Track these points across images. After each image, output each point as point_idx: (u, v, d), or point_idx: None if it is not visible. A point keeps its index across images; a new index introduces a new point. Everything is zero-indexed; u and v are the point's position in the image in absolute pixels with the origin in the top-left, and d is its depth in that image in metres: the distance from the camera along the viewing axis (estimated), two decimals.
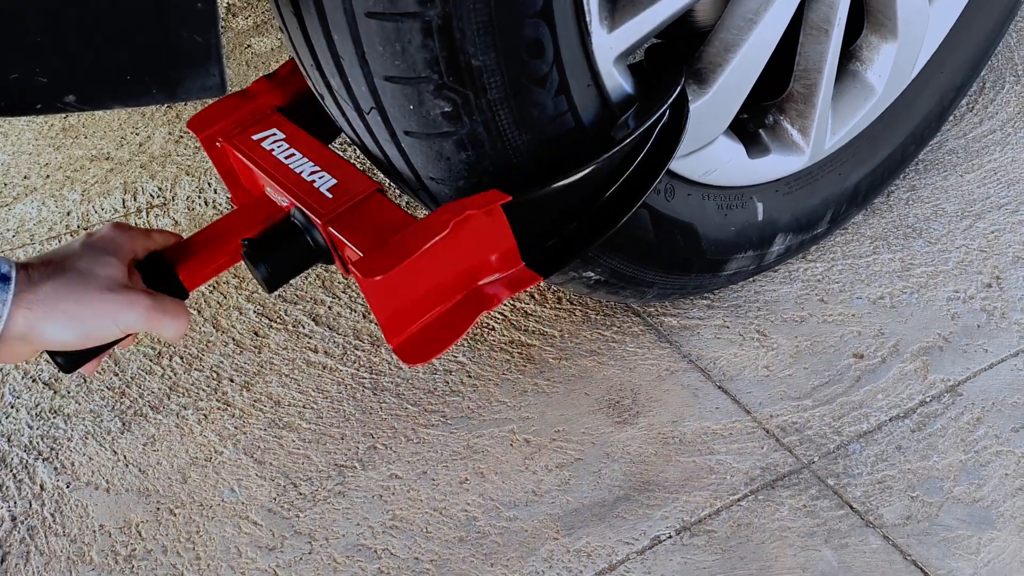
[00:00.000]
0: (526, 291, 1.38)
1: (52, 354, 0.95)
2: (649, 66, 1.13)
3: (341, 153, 1.38)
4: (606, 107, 1.03)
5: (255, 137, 1.07)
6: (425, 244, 0.92)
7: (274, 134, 1.07)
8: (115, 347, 0.99)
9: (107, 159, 1.67)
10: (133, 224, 1.53)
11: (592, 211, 1.01)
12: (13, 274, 0.85)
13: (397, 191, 1.54)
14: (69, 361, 0.96)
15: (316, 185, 1.00)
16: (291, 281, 1.41)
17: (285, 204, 1.03)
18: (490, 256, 0.98)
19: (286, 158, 1.04)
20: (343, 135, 1.19)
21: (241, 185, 1.12)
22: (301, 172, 1.02)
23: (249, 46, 1.90)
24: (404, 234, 0.94)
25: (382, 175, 1.42)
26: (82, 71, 0.78)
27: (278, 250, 1.00)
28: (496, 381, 1.27)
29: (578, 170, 0.98)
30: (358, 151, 1.59)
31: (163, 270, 1.00)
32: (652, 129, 1.02)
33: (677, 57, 1.11)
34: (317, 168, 1.01)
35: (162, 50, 0.78)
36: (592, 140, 1.02)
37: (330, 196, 0.98)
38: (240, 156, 1.07)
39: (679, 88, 1.04)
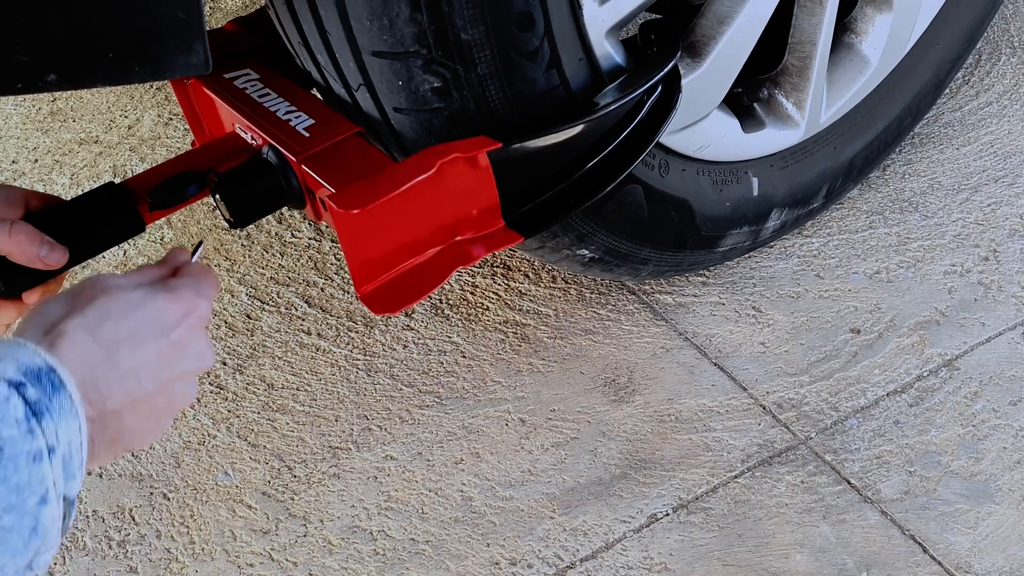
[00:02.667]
0: (520, 270, 1.36)
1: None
2: (643, 41, 1.11)
3: None
4: (598, 81, 1.02)
5: (227, 76, 1.03)
6: (408, 182, 0.89)
7: (248, 74, 1.03)
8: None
9: (96, 142, 1.65)
10: None
11: (577, 176, 0.99)
12: None
13: None
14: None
15: (292, 124, 0.96)
16: (283, 263, 1.40)
17: (257, 143, 0.99)
18: (471, 210, 0.95)
19: (260, 97, 1.00)
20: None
21: (206, 128, 1.08)
22: (276, 111, 0.98)
23: None
24: (386, 173, 0.90)
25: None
26: (63, 49, 0.77)
27: (248, 186, 0.95)
28: (491, 361, 1.26)
29: (568, 127, 0.96)
30: None
31: (120, 201, 0.92)
32: (644, 100, 1.01)
33: (673, 31, 1.09)
34: (293, 108, 0.98)
35: (143, 27, 0.77)
36: (585, 111, 1.01)
37: (307, 135, 0.95)
38: (209, 92, 1.02)
39: (673, 61, 1.03)
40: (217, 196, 0.94)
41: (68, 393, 0.60)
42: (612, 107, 0.98)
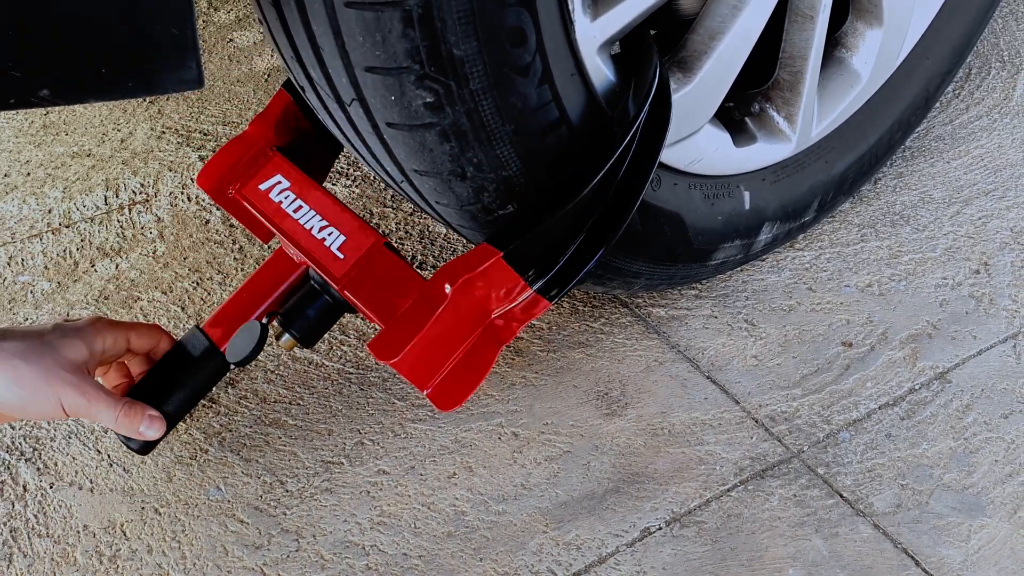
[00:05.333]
0: None
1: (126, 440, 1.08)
2: (624, 54, 1.11)
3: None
4: (590, 96, 1.02)
5: (262, 187, 1.14)
6: (429, 319, 0.99)
7: (279, 182, 1.13)
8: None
9: (88, 156, 1.65)
10: (115, 221, 1.52)
11: (588, 230, 1.03)
12: None
13: (388, 195, 1.53)
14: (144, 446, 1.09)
15: (327, 244, 1.07)
16: None
17: (300, 259, 1.11)
18: (497, 294, 1.02)
19: (294, 211, 1.11)
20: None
21: (263, 229, 1.18)
22: (311, 229, 1.09)
23: (231, 40, 1.88)
24: (409, 309, 1.00)
25: (366, 169, 1.42)
26: (55, 65, 0.77)
27: (306, 317, 1.11)
28: None
29: (564, 206, 1.00)
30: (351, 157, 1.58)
31: (208, 350, 1.11)
32: (635, 133, 1.02)
33: (650, 45, 1.09)
34: (325, 223, 1.08)
35: (136, 43, 0.77)
36: (577, 133, 1.02)
37: (341, 256, 1.06)
38: (251, 210, 1.14)
39: (656, 81, 1.03)
40: (283, 330, 1.11)
41: None
42: (602, 173, 1.01)
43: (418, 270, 1.28)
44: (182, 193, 1.56)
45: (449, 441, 1.19)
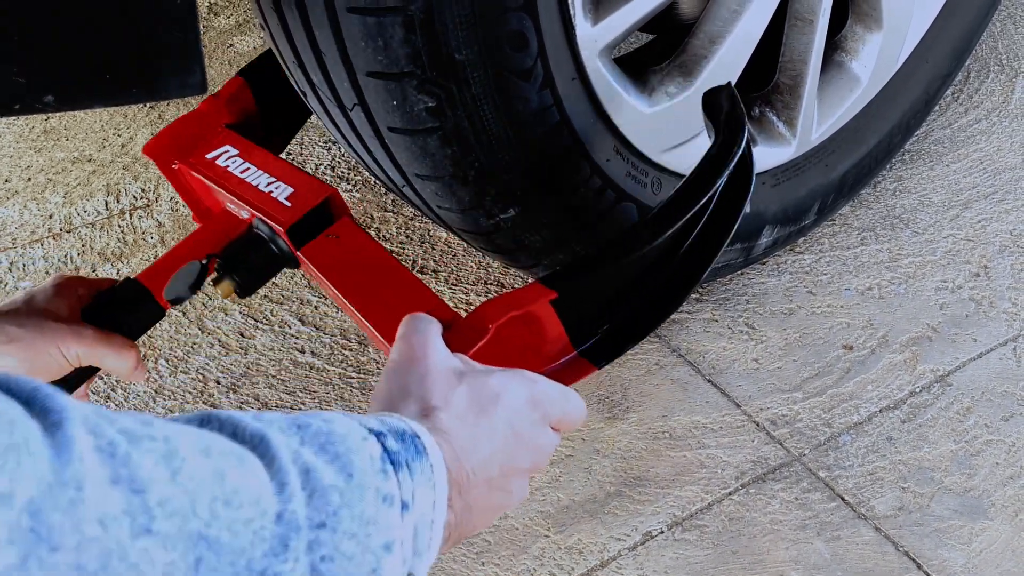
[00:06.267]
0: (515, 288, 1.37)
1: None
2: (707, 109, 1.05)
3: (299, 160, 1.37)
4: (592, 100, 1.02)
5: (209, 156, 1.09)
6: (468, 352, 0.91)
7: (227, 151, 1.09)
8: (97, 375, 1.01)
9: (89, 161, 1.65)
10: (116, 227, 1.52)
11: (646, 292, 0.95)
12: None
13: (367, 189, 1.53)
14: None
15: (274, 195, 1.02)
16: (276, 281, 1.40)
17: (246, 216, 1.05)
18: (539, 347, 0.94)
19: (242, 172, 1.06)
20: (290, 147, 1.19)
21: (202, 204, 1.14)
22: (258, 184, 1.04)
23: (231, 45, 1.88)
24: (448, 337, 0.91)
25: (367, 174, 1.42)
26: (60, 71, 0.77)
27: (246, 262, 1.03)
28: None
29: (631, 252, 0.92)
30: (341, 151, 1.58)
31: (140, 294, 1.02)
32: (714, 195, 0.95)
33: (740, 106, 1.02)
34: (273, 179, 1.04)
35: (141, 49, 0.77)
36: (578, 137, 1.02)
37: (288, 204, 1.01)
38: (197, 176, 1.08)
39: (743, 145, 0.96)
40: (220, 275, 1.03)
41: (429, 463, 0.57)
42: (674, 228, 0.92)
43: (418, 275, 1.27)
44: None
45: None
